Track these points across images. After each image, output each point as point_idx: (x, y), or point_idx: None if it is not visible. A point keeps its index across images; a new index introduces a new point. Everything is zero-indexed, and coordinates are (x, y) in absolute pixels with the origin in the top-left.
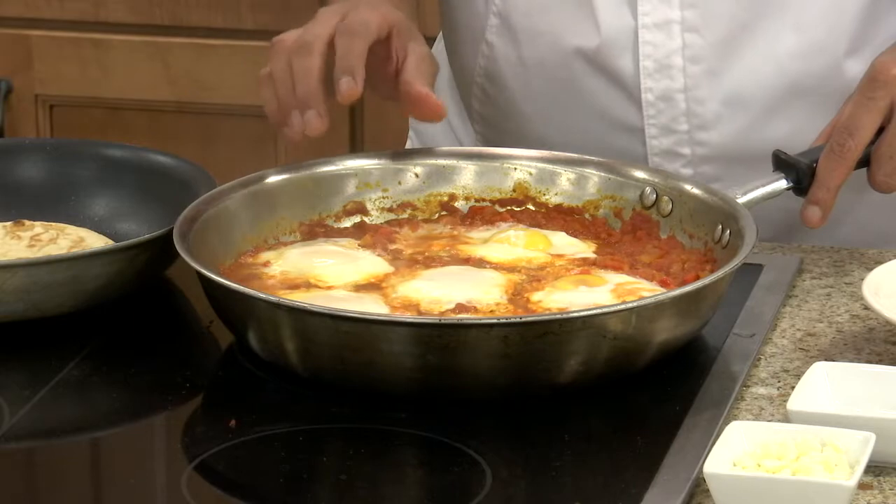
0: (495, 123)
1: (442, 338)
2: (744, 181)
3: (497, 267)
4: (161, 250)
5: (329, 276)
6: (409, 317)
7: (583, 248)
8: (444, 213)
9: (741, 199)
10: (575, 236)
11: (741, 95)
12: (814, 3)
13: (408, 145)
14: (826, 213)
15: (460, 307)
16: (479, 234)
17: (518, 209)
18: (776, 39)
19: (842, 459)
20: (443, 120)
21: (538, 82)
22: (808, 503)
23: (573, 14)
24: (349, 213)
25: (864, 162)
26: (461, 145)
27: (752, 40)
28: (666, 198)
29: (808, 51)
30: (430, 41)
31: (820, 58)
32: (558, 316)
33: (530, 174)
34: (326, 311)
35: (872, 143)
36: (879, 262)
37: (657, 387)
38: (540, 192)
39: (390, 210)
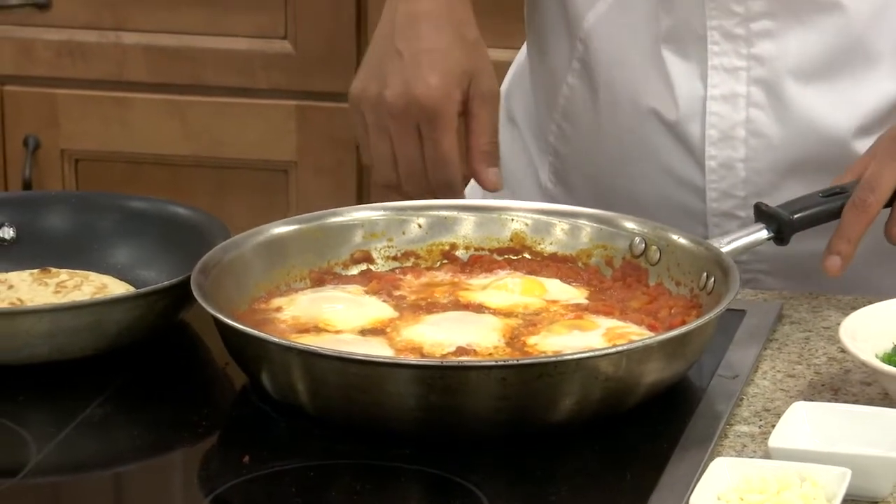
0: (567, 160)
1: (444, 379)
2: (800, 240)
3: (495, 312)
4: (179, 296)
5: (337, 320)
6: (412, 359)
7: (576, 295)
8: (445, 261)
9: (725, 249)
10: (568, 283)
11: (797, 167)
12: (868, 88)
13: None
14: (846, 262)
15: (461, 350)
16: (478, 281)
17: (515, 258)
18: (833, 118)
19: (820, 494)
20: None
21: (611, 130)
22: None
23: (649, 76)
24: (356, 262)
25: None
26: (535, 173)
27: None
28: (654, 247)
29: (858, 127)
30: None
31: (864, 134)
32: (553, 359)
33: (526, 225)
34: (335, 354)
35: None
36: (855, 308)
37: (646, 425)
38: (535, 241)
39: (395, 258)
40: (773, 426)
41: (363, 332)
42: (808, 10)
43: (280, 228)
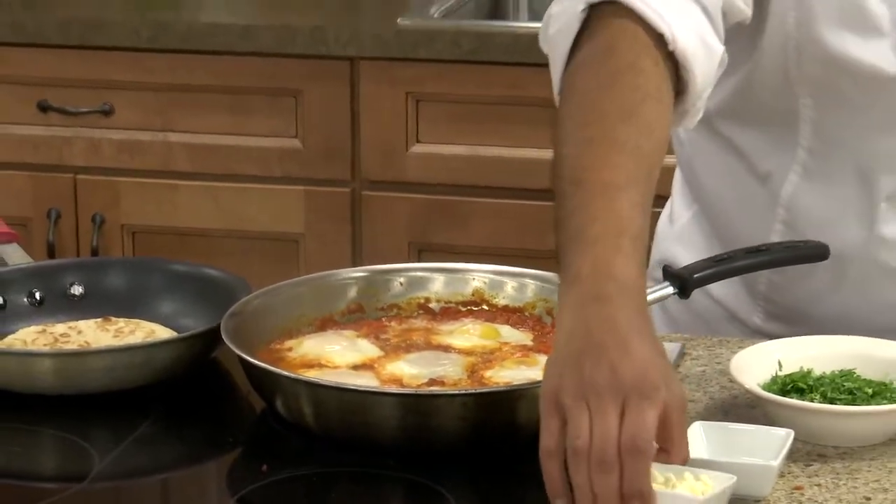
0: (780, 303)
1: (419, 404)
2: None
3: (459, 351)
4: (212, 339)
5: (336, 358)
6: (394, 389)
7: (523, 338)
8: (421, 311)
9: None
10: (517, 329)
11: None
12: None
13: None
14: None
15: (432, 381)
16: (446, 327)
17: (476, 308)
18: None
19: (709, 490)
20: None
21: (839, 286)
22: None
23: (861, 232)
24: (351, 311)
25: None
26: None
27: None
28: None
29: None
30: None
31: None
32: (504, 388)
33: (485, 283)
34: (334, 385)
35: None
36: (742, 348)
37: None
38: (492, 296)
39: (381, 309)
40: None
41: (356, 367)
42: None
43: (291, 286)
